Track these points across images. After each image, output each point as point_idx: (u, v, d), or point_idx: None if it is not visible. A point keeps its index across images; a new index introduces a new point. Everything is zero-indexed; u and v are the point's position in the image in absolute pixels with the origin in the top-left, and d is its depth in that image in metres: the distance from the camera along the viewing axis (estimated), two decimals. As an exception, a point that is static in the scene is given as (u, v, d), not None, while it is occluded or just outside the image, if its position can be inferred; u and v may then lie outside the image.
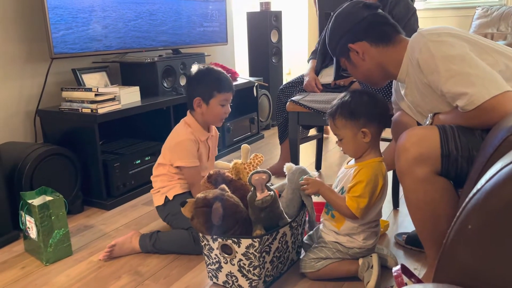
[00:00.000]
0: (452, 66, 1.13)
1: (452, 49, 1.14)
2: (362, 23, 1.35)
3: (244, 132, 3.22)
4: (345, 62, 1.43)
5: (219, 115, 1.80)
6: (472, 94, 1.08)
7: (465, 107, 1.11)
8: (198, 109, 1.79)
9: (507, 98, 1.05)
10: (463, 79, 1.10)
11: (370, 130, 1.35)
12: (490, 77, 1.09)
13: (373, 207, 1.38)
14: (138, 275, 1.52)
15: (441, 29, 1.21)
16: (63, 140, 2.13)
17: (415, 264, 1.52)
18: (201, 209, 1.34)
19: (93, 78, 2.35)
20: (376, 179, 1.35)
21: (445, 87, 1.14)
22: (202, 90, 1.77)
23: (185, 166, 1.75)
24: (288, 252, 1.47)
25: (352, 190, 1.35)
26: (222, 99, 1.77)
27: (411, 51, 1.25)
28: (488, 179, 0.63)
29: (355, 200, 1.33)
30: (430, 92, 1.23)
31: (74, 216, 2.04)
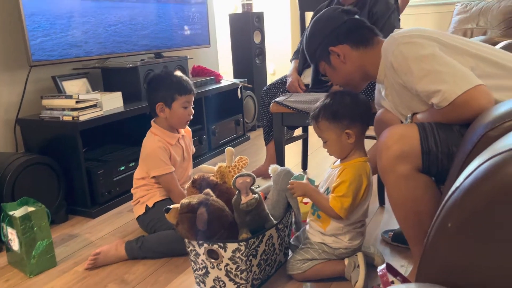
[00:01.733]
0: (424, 66, 1.15)
1: (423, 49, 1.17)
2: (343, 27, 1.39)
3: (229, 134, 3.21)
4: (325, 67, 1.44)
5: (183, 117, 1.80)
6: (445, 91, 1.11)
7: (439, 104, 1.14)
8: (162, 114, 1.79)
9: (479, 92, 1.08)
10: (435, 77, 1.13)
11: (354, 130, 1.35)
12: (461, 73, 1.12)
13: (358, 207, 1.38)
14: (125, 283, 1.50)
15: (412, 31, 1.24)
16: (44, 148, 2.10)
17: (402, 261, 1.53)
18: (186, 215, 1.33)
19: (74, 84, 2.31)
20: (360, 179, 1.35)
21: (419, 87, 1.17)
22: (163, 95, 1.77)
23: (159, 175, 1.75)
24: (275, 254, 1.46)
25: (336, 190, 1.35)
26: (184, 101, 1.78)
27: (385, 54, 1.28)
28: (466, 177, 0.63)
29: (338, 200, 1.33)
30: (406, 92, 1.26)
31: (58, 225, 2.01)
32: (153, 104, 1.79)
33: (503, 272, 0.58)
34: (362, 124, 1.37)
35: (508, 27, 3.51)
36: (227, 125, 3.18)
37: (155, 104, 1.78)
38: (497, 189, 0.59)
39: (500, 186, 0.58)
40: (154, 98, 1.79)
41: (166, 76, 1.81)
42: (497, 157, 0.61)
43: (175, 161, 1.81)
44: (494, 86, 1.12)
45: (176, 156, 1.82)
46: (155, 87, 1.80)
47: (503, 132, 0.81)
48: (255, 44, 3.56)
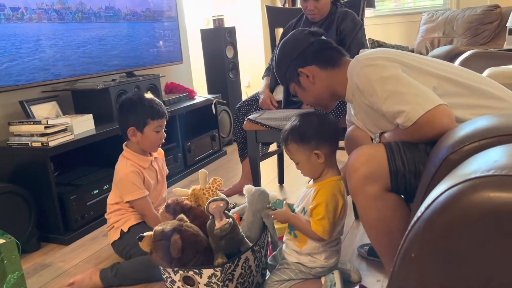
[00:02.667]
0: (387, 87, 1.19)
1: (386, 71, 1.20)
2: (310, 48, 1.42)
3: (205, 150, 3.19)
4: (295, 88, 1.47)
5: (155, 141, 1.79)
6: (408, 111, 1.14)
7: (404, 124, 1.17)
8: (133, 138, 1.77)
9: (441, 111, 1.12)
10: (398, 98, 1.16)
11: (323, 151, 1.37)
12: (423, 93, 1.15)
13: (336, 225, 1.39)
14: (100, 314, 1.47)
15: (376, 53, 1.27)
16: (13, 176, 2.04)
17: (378, 276, 1.54)
18: (160, 243, 1.31)
19: (43, 108, 2.27)
20: (335, 198, 1.36)
21: (384, 107, 1.20)
22: (135, 119, 1.75)
23: (133, 199, 1.73)
24: (252, 276, 1.46)
25: (314, 213, 1.36)
26: (156, 125, 1.77)
27: (351, 76, 1.32)
28: (426, 208, 0.65)
29: (319, 223, 1.34)
30: (373, 112, 1.29)
31: (30, 254, 1.95)
32: (124, 128, 1.77)
33: (464, 303, 0.59)
34: (331, 144, 1.39)
35: (473, 35, 3.63)
36: (203, 141, 3.16)
37: (126, 128, 1.76)
38: (455, 220, 0.60)
39: (457, 217, 0.60)
40: (126, 122, 1.77)
41: (138, 100, 1.79)
42: (454, 188, 0.62)
43: (149, 185, 1.79)
44: (456, 104, 1.16)
45: (150, 179, 1.80)
46: (127, 111, 1.78)
47: (463, 156, 0.83)
48: (228, 59, 3.57)
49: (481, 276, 0.58)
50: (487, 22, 3.55)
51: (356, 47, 1.99)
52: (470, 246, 0.59)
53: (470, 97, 1.20)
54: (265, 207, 1.52)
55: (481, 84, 1.23)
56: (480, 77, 1.29)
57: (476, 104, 1.19)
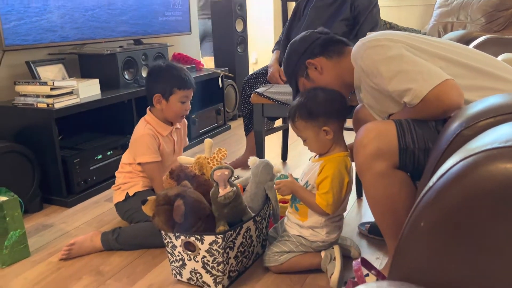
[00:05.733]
0: (392, 67, 1.17)
1: (390, 50, 1.19)
2: (317, 42, 1.45)
3: (210, 124, 3.18)
4: (304, 82, 1.46)
5: (179, 112, 1.78)
6: (415, 88, 1.12)
7: (411, 102, 1.15)
8: (158, 106, 1.76)
9: (449, 86, 1.10)
10: (404, 76, 1.15)
11: (331, 127, 1.36)
12: (429, 70, 1.14)
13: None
14: (100, 275, 1.48)
15: (380, 34, 1.25)
16: (18, 136, 2.04)
17: (378, 253, 1.55)
18: (163, 207, 1.32)
19: (49, 70, 2.25)
20: (340, 174, 1.35)
21: (390, 87, 1.18)
22: (162, 87, 1.74)
23: (144, 162, 1.72)
24: (252, 246, 1.47)
25: (320, 186, 1.35)
26: (182, 96, 1.75)
27: (355, 59, 1.30)
28: (439, 178, 0.64)
29: (324, 197, 1.34)
30: (379, 95, 1.28)
31: (32, 215, 1.97)
32: (151, 94, 1.76)
33: (473, 273, 0.58)
34: (339, 120, 1.38)
35: (487, 22, 3.56)
36: (208, 114, 3.15)
37: (152, 94, 1.75)
38: (469, 191, 0.59)
39: (471, 188, 0.59)
40: (153, 88, 1.76)
41: (167, 68, 1.77)
42: (469, 158, 0.61)
43: (163, 152, 1.79)
44: (463, 86, 1.13)
45: (166, 147, 1.80)
46: (155, 77, 1.77)
47: (477, 131, 0.82)
48: (237, 33, 3.52)
49: (493, 247, 0.57)
50: (502, 9, 3.48)
51: (370, 25, 1.95)
52: (484, 217, 0.58)
53: (477, 79, 1.18)
54: (269, 180, 1.52)
55: (490, 66, 1.21)
56: (489, 58, 1.26)
57: (483, 86, 1.17)
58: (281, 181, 1.45)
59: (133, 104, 2.39)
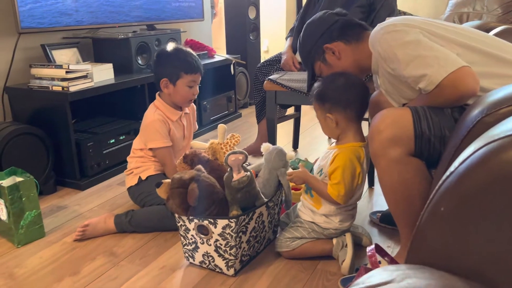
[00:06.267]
0: (409, 52, 1.17)
1: (407, 36, 1.18)
2: (335, 25, 1.43)
3: (221, 111, 3.18)
4: (320, 66, 1.46)
5: (186, 96, 1.78)
6: (431, 74, 1.12)
7: (426, 88, 1.15)
8: (166, 90, 1.77)
9: (465, 73, 1.10)
10: (420, 62, 1.14)
11: (336, 116, 1.36)
12: (445, 56, 1.13)
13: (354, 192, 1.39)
14: (114, 256, 1.51)
15: (397, 20, 1.25)
16: (33, 118, 2.06)
17: (389, 242, 1.55)
18: (177, 190, 1.33)
19: (64, 54, 2.26)
20: (352, 164, 1.35)
21: (406, 72, 1.18)
22: (169, 71, 1.74)
23: (156, 147, 1.74)
24: (264, 231, 1.48)
25: (332, 177, 1.36)
26: (189, 80, 1.75)
27: (372, 45, 1.29)
28: (461, 162, 0.64)
29: (335, 187, 1.34)
30: (396, 80, 1.27)
31: (47, 196, 1.99)
32: (158, 78, 1.76)
33: (493, 258, 0.59)
34: (346, 111, 1.36)
35: (504, 13, 3.50)
36: (219, 101, 3.15)
37: (160, 79, 1.75)
38: (492, 176, 0.59)
39: (495, 172, 0.59)
40: (160, 72, 1.76)
41: (174, 52, 1.77)
42: (493, 143, 0.61)
43: (174, 137, 1.79)
44: (480, 73, 1.12)
45: (176, 133, 1.81)
46: (162, 61, 1.77)
47: (499, 118, 0.81)
48: (249, 20, 3.50)
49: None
50: (520, 0, 3.41)
51: (386, 12, 1.93)
52: (507, 202, 0.58)
53: (494, 66, 1.17)
54: (282, 166, 1.52)
55: (508, 54, 1.20)
56: (508, 45, 1.24)
57: (501, 73, 1.16)
58: (294, 171, 1.45)
59: (145, 89, 2.40)
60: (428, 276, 0.60)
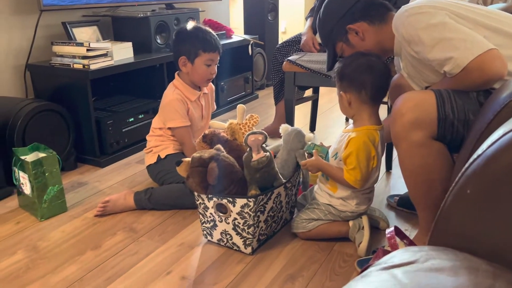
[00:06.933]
0: (434, 34, 1.14)
1: (432, 18, 1.15)
2: (358, 5, 1.39)
3: (238, 92, 3.18)
4: (342, 47, 1.43)
5: (204, 75, 1.78)
6: (457, 57, 1.10)
7: (452, 71, 1.13)
8: (184, 69, 1.77)
9: (492, 56, 1.08)
10: (446, 44, 1.12)
11: (349, 95, 1.34)
12: (472, 38, 1.11)
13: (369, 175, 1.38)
14: (133, 232, 1.54)
15: (423, 1, 1.22)
16: (54, 96, 2.09)
17: (406, 226, 1.55)
18: (197, 169, 1.34)
19: (84, 32, 2.27)
20: (366, 148, 1.33)
21: (430, 56, 1.16)
22: (187, 49, 1.74)
23: (174, 127, 1.75)
24: (282, 212, 1.49)
25: (347, 162, 1.35)
26: (207, 58, 1.75)
27: (396, 27, 1.27)
28: (490, 145, 0.63)
29: (352, 173, 1.34)
30: (419, 64, 1.25)
31: (68, 172, 2.03)
32: (176, 56, 1.77)
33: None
34: (359, 92, 1.33)
35: (531, -5, 3.38)
36: (236, 82, 3.14)
37: (178, 57, 1.76)
38: (522, 159, 0.59)
39: (525, 156, 0.58)
40: (178, 51, 1.77)
41: (193, 30, 1.77)
42: (524, 126, 0.60)
43: (192, 117, 1.81)
44: (507, 57, 1.10)
45: (194, 112, 1.82)
46: (181, 39, 1.78)
47: (527, 102, 0.80)
48: (268, 0, 3.46)
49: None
50: (549, -18, 3.30)
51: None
52: (534, 186, 0.57)
53: None
54: (300, 147, 1.52)
55: None
56: None
57: None
58: (308, 160, 1.44)
59: (164, 68, 2.40)
60: (452, 258, 0.60)
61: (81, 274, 1.31)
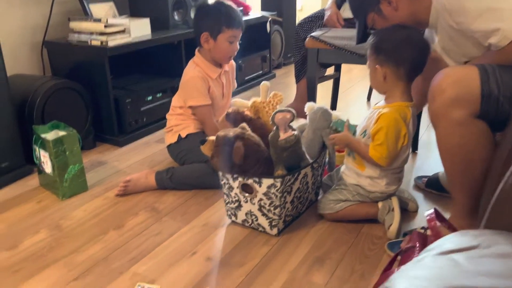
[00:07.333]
0: (479, 4, 1.07)
1: None
2: None
3: (255, 70, 3.11)
4: (374, 17, 1.35)
5: (226, 52, 1.72)
6: (505, 29, 1.03)
7: (498, 44, 1.06)
8: (206, 45, 1.71)
9: None
10: (493, 14, 1.05)
11: (385, 70, 1.28)
12: None
13: (399, 154, 1.33)
14: (156, 212, 1.52)
15: None
16: (71, 73, 2.05)
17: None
18: (222, 148, 1.30)
19: (101, 8, 2.22)
20: (397, 125, 1.28)
21: (474, 26, 1.09)
22: (210, 25, 1.68)
23: (195, 105, 1.70)
24: (307, 192, 1.45)
25: (375, 138, 1.30)
26: (230, 35, 1.69)
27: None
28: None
29: (378, 149, 1.29)
30: (460, 36, 1.17)
31: (87, 151, 2.01)
32: (198, 32, 1.71)
33: None
34: (397, 67, 1.27)
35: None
36: (253, 61, 3.07)
37: (200, 33, 1.70)
38: None
39: None
40: (200, 27, 1.71)
41: (216, 6, 1.71)
42: None
43: (213, 95, 1.76)
44: None
45: (215, 91, 1.77)
46: (203, 15, 1.72)
47: None
48: (286, -25, 3.35)
49: None
50: None
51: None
52: None
53: None
54: (327, 127, 1.47)
55: None
56: None
57: None
58: (336, 135, 1.40)
59: (182, 46, 2.35)
60: (518, 243, 0.55)
61: (106, 253, 1.30)
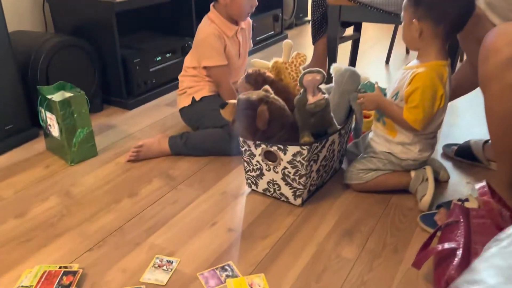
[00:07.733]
0: None
1: None
2: None
3: (267, 31, 2.96)
4: None
5: (244, 8, 1.59)
6: None
7: None
8: (222, 0, 1.57)
9: None
10: None
11: (422, 26, 1.15)
12: None
13: (435, 118, 1.23)
14: (170, 179, 1.43)
15: None
16: (75, 31, 1.92)
17: (467, 178, 1.42)
18: (244, 112, 1.20)
19: (105, -41, 2.05)
20: (434, 85, 1.17)
21: None
22: None
23: (210, 66, 1.59)
24: (333, 161, 1.36)
25: (410, 99, 1.19)
26: None
27: None
28: None
29: (412, 111, 1.19)
30: None
31: (94, 114, 1.91)
32: None
33: None
34: (437, 24, 1.15)
35: None
36: (265, 20, 2.92)
37: None
38: None
39: None
40: None
41: None
42: None
43: (229, 55, 1.63)
44: None
45: (232, 50, 1.64)
46: None
47: None
48: None
49: None
50: None
51: None
52: None
53: None
54: (355, 90, 1.36)
55: None
56: None
57: None
58: (366, 94, 1.29)
59: (192, 2, 2.20)
60: None
61: (120, 223, 1.22)
